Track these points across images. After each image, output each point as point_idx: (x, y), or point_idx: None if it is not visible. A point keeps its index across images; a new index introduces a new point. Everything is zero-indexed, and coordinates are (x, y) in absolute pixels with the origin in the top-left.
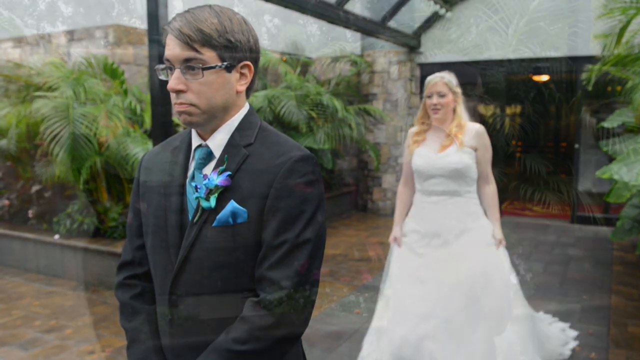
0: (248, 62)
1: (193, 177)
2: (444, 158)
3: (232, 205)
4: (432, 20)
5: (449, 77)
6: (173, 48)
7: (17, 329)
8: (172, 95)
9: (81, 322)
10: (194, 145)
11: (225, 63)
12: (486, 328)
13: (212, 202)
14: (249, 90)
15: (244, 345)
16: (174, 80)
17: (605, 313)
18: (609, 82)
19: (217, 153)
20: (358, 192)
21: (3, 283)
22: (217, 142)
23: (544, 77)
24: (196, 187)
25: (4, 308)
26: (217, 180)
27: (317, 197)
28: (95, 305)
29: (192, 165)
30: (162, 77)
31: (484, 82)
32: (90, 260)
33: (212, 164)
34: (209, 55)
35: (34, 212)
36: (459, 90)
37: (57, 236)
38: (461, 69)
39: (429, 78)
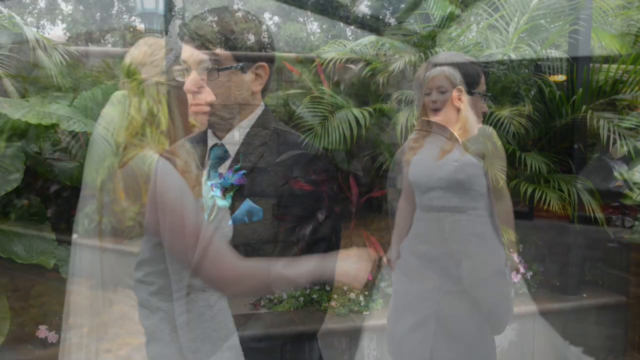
0: (263, 63)
1: (209, 176)
2: (444, 166)
3: (247, 203)
4: (447, 19)
5: (451, 71)
6: (189, 49)
7: (34, 327)
8: (189, 96)
9: (98, 320)
10: (209, 145)
11: (240, 64)
12: (488, 332)
13: (228, 200)
14: (264, 91)
15: (259, 342)
16: (191, 81)
17: (623, 315)
18: (624, 81)
19: (233, 152)
20: (372, 193)
21: (22, 282)
22: (233, 141)
23: (560, 77)
24: (212, 186)
25: (23, 306)
26: (233, 179)
27: (331, 195)
28: (113, 303)
29: (208, 164)
30: (179, 79)
31: (486, 81)
32: (108, 259)
33: (228, 162)
34: (225, 56)
35: (52, 212)
36: (463, 87)
37: (75, 235)
38: (473, 68)
39: (429, 72)
